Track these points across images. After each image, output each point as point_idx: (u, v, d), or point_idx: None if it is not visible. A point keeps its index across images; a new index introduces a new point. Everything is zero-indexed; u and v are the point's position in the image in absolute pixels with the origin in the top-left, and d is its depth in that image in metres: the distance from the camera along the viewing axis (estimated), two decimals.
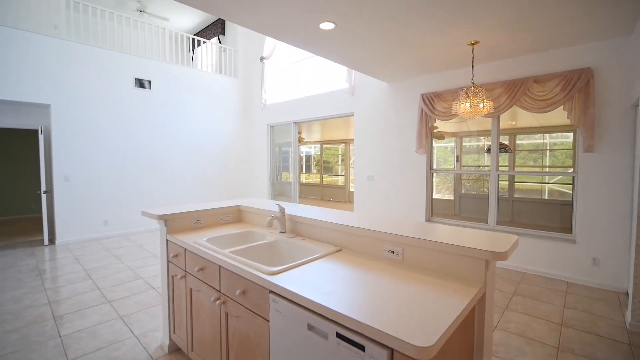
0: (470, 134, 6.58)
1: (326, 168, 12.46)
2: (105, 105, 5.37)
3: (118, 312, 2.77)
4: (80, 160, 5.13)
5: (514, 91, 3.70)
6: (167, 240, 2.11)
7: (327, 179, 12.31)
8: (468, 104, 3.28)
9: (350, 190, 10.96)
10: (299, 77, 6.72)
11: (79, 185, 5.13)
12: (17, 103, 4.78)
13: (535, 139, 6.42)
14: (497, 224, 4.09)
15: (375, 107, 5.12)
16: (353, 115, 5.46)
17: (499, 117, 4.04)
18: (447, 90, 4.26)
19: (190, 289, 1.89)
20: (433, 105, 4.37)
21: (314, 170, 12.99)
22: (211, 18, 8.19)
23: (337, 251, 1.68)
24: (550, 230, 3.76)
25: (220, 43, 7.79)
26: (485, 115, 3.70)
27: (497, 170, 4.07)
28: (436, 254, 1.37)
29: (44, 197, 4.88)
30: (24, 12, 5.08)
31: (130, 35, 5.89)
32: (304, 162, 12.88)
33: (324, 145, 12.18)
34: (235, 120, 7.33)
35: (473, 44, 3.31)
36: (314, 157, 13.00)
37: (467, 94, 3.34)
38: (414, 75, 4.51)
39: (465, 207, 6.94)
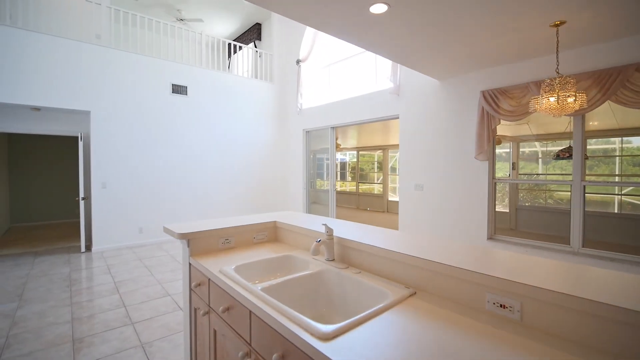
0: (533, 138, 5.75)
1: (361, 175, 11.92)
2: (142, 112, 5.32)
3: (140, 337, 2.46)
4: (117, 167, 5.09)
5: (607, 83, 3.00)
6: (189, 264, 1.75)
7: (363, 187, 11.75)
8: (553, 98, 2.65)
9: (389, 199, 10.33)
10: (338, 80, 6.33)
11: (116, 192, 5.08)
12: (60, 110, 4.84)
13: (598, 144, 5.46)
14: (583, 246, 3.34)
15: (424, 108, 4.56)
16: (398, 117, 4.93)
17: (584, 116, 3.33)
18: (515, 86, 3.62)
19: (215, 331, 1.49)
20: (497, 103, 3.74)
21: (348, 178, 12.50)
22: (247, 24, 8.11)
23: (411, 295, 1.20)
24: None
25: (255, 48, 7.63)
26: (574, 113, 3.01)
27: (583, 180, 3.34)
28: (587, 319, 0.85)
29: (82, 203, 4.87)
30: (66, 22, 5.19)
31: (168, 42, 5.85)
32: (338, 169, 12.44)
33: (359, 152, 11.66)
34: (270, 126, 7.08)
35: (557, 25, 2.69)
36: (349, 164, 12.52)
37: (550, 86, 2.71)
38: (471, 69, 3.92)
39: (524, 221, 6.08)
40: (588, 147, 5.53)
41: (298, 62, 6.69)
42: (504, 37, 2.95)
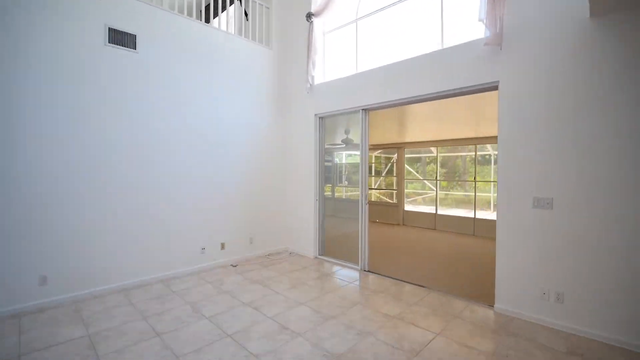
0: None
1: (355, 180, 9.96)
2: (50, 70, 3.02)
3: None
4: (1, 161, 2.77)
5: None
6: None
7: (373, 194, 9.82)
8: None
9: (406, 209, 8.42)
10: (372, 39, 4.32)
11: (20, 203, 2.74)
12: None
13: None
14: None
15: (556, 68, 2.64)
16: (496, 86, 2.99)
17: None
18: None
19: None
20: None
21: (345, 182, 10.51)
22: None
23: None
24: None
25: (245, 9, 5.45)
26: None
27: None
28: None
29: None
30: None
31: None
32: (342, 171, 10.44)
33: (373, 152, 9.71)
34: (265, 108, 4.93)
35: None
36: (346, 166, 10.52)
37: None
38: None
39: None
40: None
41: (309, 16, 4.61)
42: None
